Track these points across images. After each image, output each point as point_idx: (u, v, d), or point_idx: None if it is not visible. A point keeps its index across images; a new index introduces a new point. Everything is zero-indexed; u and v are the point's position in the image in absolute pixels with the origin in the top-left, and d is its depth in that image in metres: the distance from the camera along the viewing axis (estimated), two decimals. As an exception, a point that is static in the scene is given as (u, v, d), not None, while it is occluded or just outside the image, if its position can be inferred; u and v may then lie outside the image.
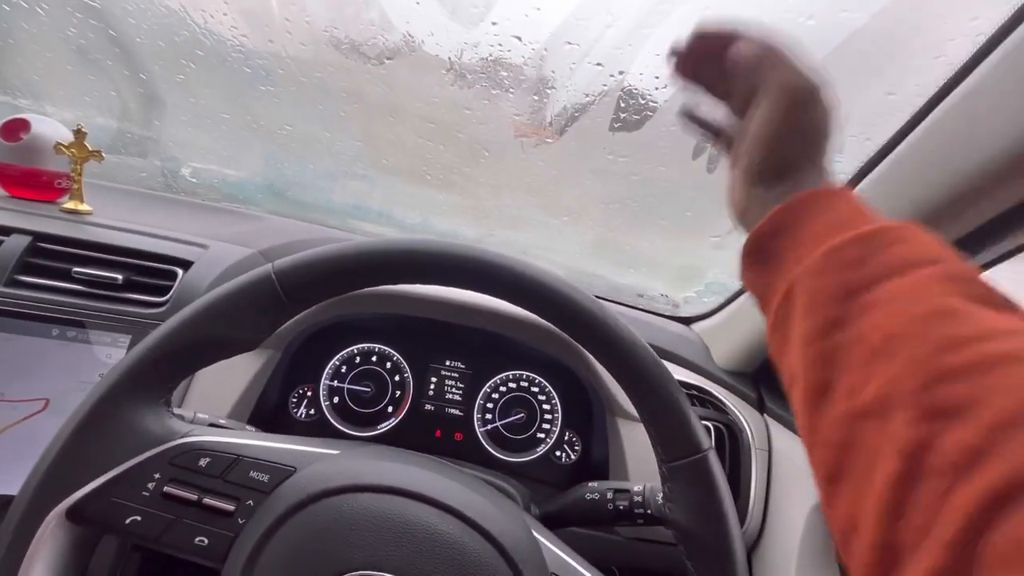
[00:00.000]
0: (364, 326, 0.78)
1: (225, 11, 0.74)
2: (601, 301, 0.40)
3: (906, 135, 0.49)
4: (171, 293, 0.63)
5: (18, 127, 0.70)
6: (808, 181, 0.34)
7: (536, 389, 0.78)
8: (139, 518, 0.33)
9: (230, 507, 0.34)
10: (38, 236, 0.63)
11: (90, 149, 0.71)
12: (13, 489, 0.53)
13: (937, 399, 0.21)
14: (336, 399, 0.76)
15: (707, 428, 0.70)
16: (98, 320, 0.59)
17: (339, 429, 0.75)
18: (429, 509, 0.34)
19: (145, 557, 0.60)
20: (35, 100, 0.91)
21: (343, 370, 0.76)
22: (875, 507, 0.21)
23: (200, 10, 0.75)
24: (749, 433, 0.70)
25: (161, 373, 0.36)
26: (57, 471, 0.33)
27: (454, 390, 0.78)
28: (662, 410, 0.38)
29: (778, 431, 0.71)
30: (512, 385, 0.78)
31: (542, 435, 0.76)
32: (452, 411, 0.77)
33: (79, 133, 0.70)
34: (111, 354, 0.59)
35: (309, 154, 0.94)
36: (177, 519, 0.33)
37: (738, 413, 0.72)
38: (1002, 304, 0.24)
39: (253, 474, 0.35)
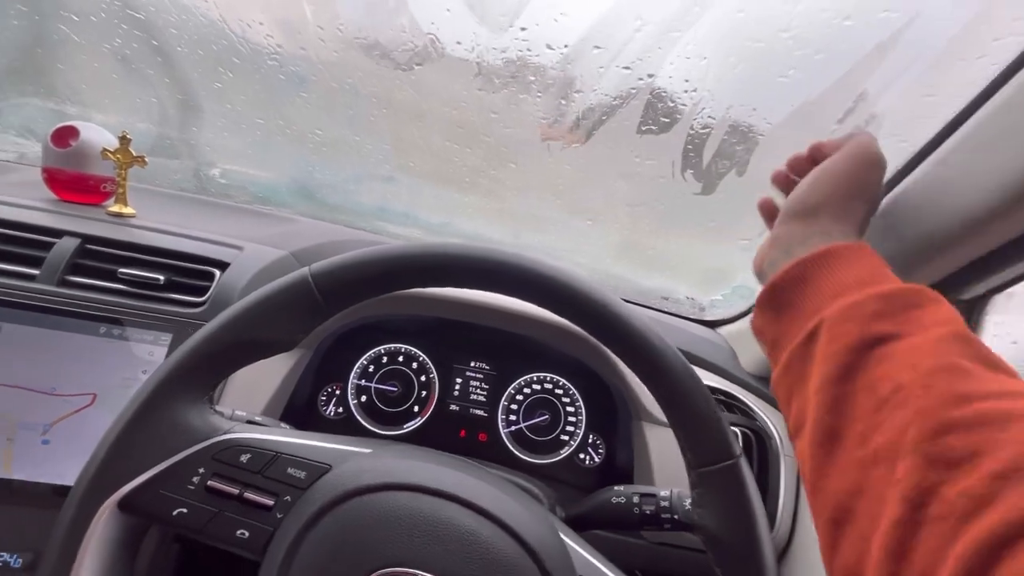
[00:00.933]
0: (391, 327, 0.79)
1: (261, 20, 0.77)
2: (631, 305, 0.40)
3: (942, 141, 0.48)
4: (209, 293, 0.66)
5: (68, 134, 0.74)
6: (835, 234, 0.36)
7: (560, 391, 0.78)
8: (185, 510, 0.35)
9: (269, 502, 0.35)
10: (87, 239, 0.66)
11: (134, 155, 0.74)
12: (65, 478, 0.56)
13: (942, 449, 0.22)
14: (364, 398, 0.77)
15: (735, 433, 0.69)
16: (141, 319, 0.62)
17: (366, 427, 0.76)
18: (461, 509, 0.34)
19: (184, 548, 0.62)
20: (82, 107, 0.96)
21: (371, 369, 0.78)
22: (880, 550, 0.22)
23: (238, 20, 0.77)
24: (777, 439, 0.69)
25: (204, 372, 0.38)
26: (110, 464, 0.34)
27: (479, 391, 0.78)
28: (692, 415, 0.38)
29: (807, 438, 0.70)
30: (536, 387, 0.78)
31: (566, 437, 0.76)
32: (476, 412, 0.78)
33: (124, 140, 0.73)
34: (153, 351, 0.62)
35: (339, 157, 0.97)
36: (220, 512, 0.35)
37: (766, 419, 0.71)
38: (1001, 367, 0.26)
39: (291, 471, 0.36)
